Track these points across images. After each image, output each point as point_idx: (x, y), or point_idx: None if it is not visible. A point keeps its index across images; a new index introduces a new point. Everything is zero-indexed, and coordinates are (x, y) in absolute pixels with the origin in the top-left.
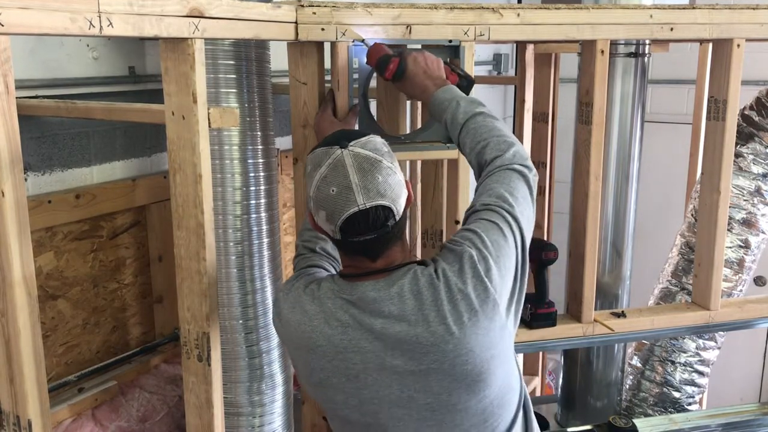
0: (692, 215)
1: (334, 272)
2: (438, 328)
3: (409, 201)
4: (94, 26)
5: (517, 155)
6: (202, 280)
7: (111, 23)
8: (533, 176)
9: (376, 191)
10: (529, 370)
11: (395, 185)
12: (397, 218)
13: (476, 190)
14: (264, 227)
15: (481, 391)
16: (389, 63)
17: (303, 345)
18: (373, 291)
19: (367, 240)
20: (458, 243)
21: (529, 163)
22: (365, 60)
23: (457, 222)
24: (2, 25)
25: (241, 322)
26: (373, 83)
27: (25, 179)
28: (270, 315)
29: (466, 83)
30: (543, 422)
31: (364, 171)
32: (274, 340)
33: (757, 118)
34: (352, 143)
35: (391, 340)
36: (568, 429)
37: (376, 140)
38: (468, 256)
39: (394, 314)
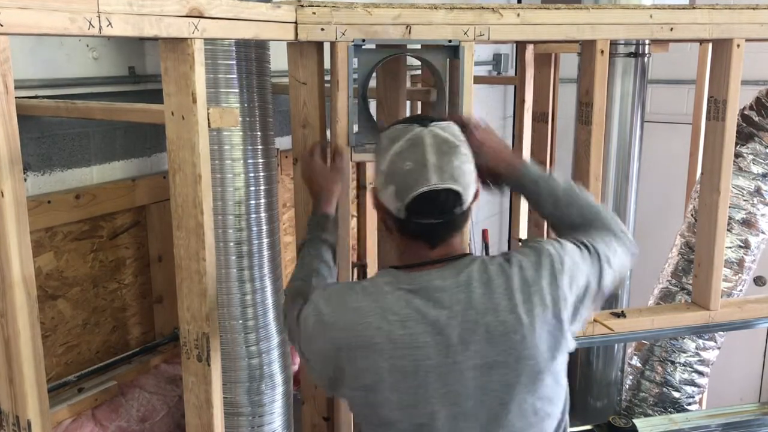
0: (692, 215)
1: None
2: (508, 317)
3: (477, 195)
4: (93, 26)
5: (629, 239)
6: (202, 280)
7: (110, 23)
8: (632, 247)
9: (450, 174)
10: None
11: (468, 174)
12: (464, 207)
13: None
14: (264, 227)
15: (536, 391)
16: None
17: (354, 345)
18: (438, 279)
19: (432, 224)
20: (539, 242)
21: (631, 238)
22: None
23: None
24: (1, 25)
25: (240, 322)
26: (372, 83)
27: (25, 179)
28: (270, 315)
29: None
30: None
31: (442, 152)
32: (274, 340)
33: (756, 118)
34: (433, 123)
35: (456, 332)
36: (568, 429)
37: (455, 127)
38: (547, 253)
39: (462, 303)
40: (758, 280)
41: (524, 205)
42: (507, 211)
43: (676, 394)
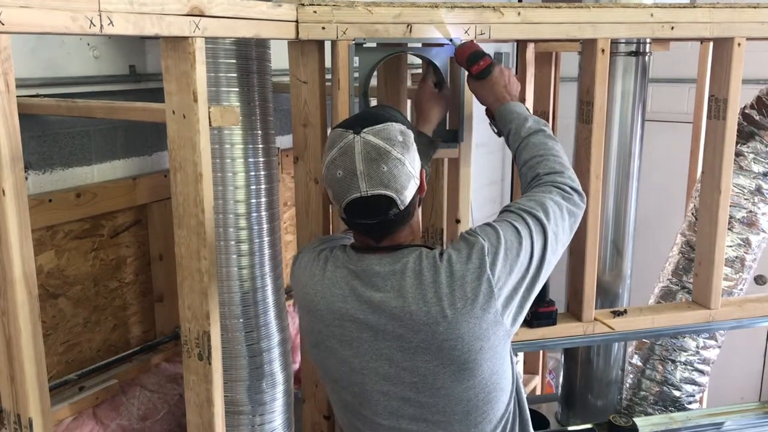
0: (693, 214)
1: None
2: (433, 308)
3: (421, 190)
4: (94, 25)
5: (569, 178)
6: (203, 278)
7: (111, 22)
8: (580, 201)
9: (380, 181)
10: (530, 368)
11: (401, 176)
12: (401, 207)
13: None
14: (264, 226)
15: (465, 380)
16: (480, 60)
17: (306, 305)
18: (378, 265)
19: (369, 224)
20: (474, 234)
21: (580, 189)
22: (453, 55)
23: (458, 221)
24: (3, 24)
25: (241, 320)
26: (373, 82)
27: (26, 178)
28: (271, 313)
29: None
30: (543, 421)
31: (371, 159)
32: (275, 338)
33: (757, 117)
34: (366, 130)
35: (387, 315)
36: (569, 428)
37: (393, 128)
38: (479, 246)
39: (394, 289)
40: (759, 279)
41: None
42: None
43: (677, 393)
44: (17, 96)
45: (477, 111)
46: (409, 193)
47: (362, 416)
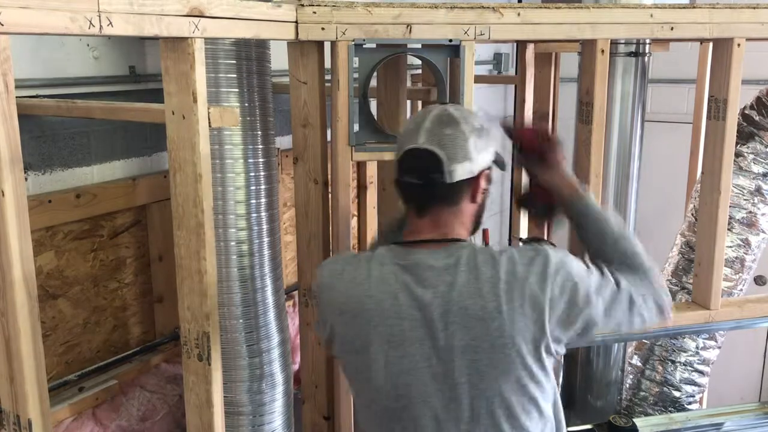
0: (692, 214)
1: None
2: (489, 303)
3: (475, 189)
4: (94, 26)
5: (665, 293)
6: (203, 279)
7: (111, 23)
8: (657, 316)
9: (437, 140)
10: None
11: (458, 147)
12: (446, 176)
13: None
14: (264, 227)
15: (509, 384)
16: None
17: (349, 309)
18: (431, 259)
19: (413, 185)
20: (543, 246)
21: (667, 310)
22: (516, 145)
23: None
24: (2, 25)
25: (241, 321)
26: (373, 83)
27: (26, 179)
28: (271, 314)
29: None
30: None
31: (440, 122)
32: (275, 339)
33: (757, 118)
34: (454, 104)
35: (439, 311)
36: (569, 428)
37: (477, 115)
38: (545, 254)
39: (447, 283)
40: (759, 280)
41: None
42: (507, 210)
43: (677, 394)
44: (17, 97)
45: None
46: (460, 171)
47: (403, 421)
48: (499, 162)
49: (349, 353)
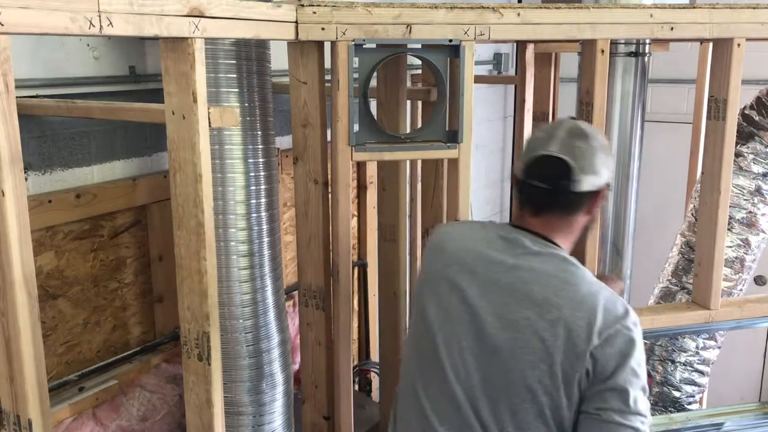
0: (692, 214)
1: None
2: (552, 299)
3: (592, 205)
4: (94, 26)
5: None
6: (203, 279)
7: (111, 23)
8: None
9: (570, 151)
10: None
11: (587, 160)
12: (573, 186)
13: None
14: (264, 227)
15: (540, 371)
16: None
17: (434, 246)
18: (529, 242)
19: (539, 188)
20: (627, 328)
21: None
22: None
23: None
24: (2, 25)
25: (241, 321)
26: (373, 83)
27: (26, 179)
28: (271, 314)
29: None
30: None
31: (572, 134)
32: (275, 339)
33: (757, 118)
34: (582, 120)
35: (505, 280)
36: None
37: (604, 137)
38: (631, 339)
39: (533, 268)
40: (759, 280)
41: None
42: (507, 209)
43: (677, 394)
44: (17, 97)
45: (476, 112)
46: (585, 182)
47: (434, 361)
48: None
49: (419, 282)
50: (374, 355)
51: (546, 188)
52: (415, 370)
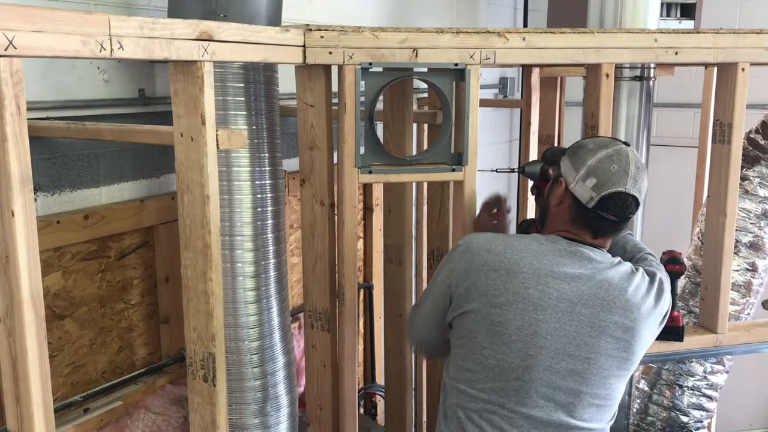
0: (699, 238)
1: None
2: (633, 299)
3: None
4: (105, 49)
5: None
6: (209, 300)
7: (122, 46)
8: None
9: (639, 187)
10: None
11: (644, 194)
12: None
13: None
14: (270, 248)
15: (623, 371)
16: None
17: (502, 267)
18: (590, 251)
19: (608, 220)
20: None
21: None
22: None
23: None
24: (15, 48)
25: (246, 342)
26: (379, 106)
27: (35, 199)
28: (276, 335)
29: None
30: None
31: (638, 169)
32: (279, 361)
33: (762, 142)
34: (630, 147)
35: (590, 292)
36: None
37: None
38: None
39: (600, 272)
40: (767, 304)
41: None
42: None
43: (685, 419)
44: (28, 118)
45: (482, 135)
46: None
47: (521, 381)
48: None
49: (489, 305)
50: (379, 378)
51: (615, 221)
52: (490, 393)
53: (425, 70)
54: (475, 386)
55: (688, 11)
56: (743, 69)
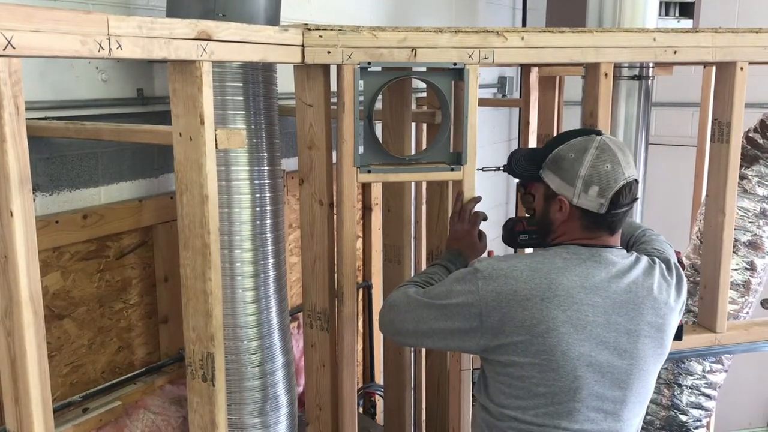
0: (697, 237)
1: None
2: (660, 296)
3: None
4: (103, 49)
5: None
6: (208, 300)
7: (120, 46)
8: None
9: (631, 166)
10: None
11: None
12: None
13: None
14: (269, 248)
15: (657, 364)
16: None
17: (535, 295)
18: (612, 255)
19: (621, 213)
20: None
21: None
22: None
23: None
24: (14, 48)
25: (245, 342)
26: (378, 105)
27: (34, 199)
28: (275, 335)
29: None
30: None
31: (623, 151)
32: (279, 361)
33: (761, 141)
34: (601, 133)
35: (621, 299)
36: None
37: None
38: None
39: (627, 276)
40: (765, 303)
41: None
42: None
43: (683, 418)
44: (27, 118)
45: (481, 135)
46: None
47: (574, 402)
48: None
49: (530, 336)
50: (379, 378)
51: (627, 209)
52: (543, 417)
53: (424, 69)
54: (527, 413)
55: (686, 10)
56: (742, 68)
